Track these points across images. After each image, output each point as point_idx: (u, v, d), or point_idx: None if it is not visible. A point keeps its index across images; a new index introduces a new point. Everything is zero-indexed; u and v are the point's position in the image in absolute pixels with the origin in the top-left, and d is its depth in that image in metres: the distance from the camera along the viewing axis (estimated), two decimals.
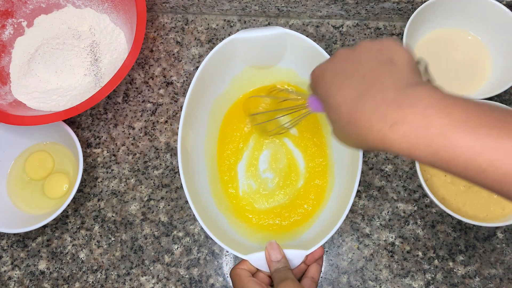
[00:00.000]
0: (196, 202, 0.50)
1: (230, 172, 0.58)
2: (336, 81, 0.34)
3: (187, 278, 0.58)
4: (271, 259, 0.47)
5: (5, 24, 0.65)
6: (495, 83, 0.58)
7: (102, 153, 0.63)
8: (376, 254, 0.57)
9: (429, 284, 0.56)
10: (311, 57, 0.53)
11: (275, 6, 0.63)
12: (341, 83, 0.34)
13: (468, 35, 0.61)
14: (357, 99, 0.32)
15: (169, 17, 0.68)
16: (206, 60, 0.52)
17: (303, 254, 0.48)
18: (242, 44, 0.53)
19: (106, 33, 0.65)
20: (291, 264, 0.48)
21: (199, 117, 0.56)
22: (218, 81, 0.56)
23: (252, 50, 0.54)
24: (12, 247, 0.61)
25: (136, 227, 0.60)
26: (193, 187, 0.51)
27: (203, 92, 0.54)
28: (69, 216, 0.61)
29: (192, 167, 0.53)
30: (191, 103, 0.52)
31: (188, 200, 0.49)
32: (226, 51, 0.53)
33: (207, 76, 0.54)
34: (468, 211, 0.54)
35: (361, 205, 0.58)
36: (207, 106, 0.57)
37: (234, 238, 0.52)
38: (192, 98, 0.52)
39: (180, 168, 0.50)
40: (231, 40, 0.52)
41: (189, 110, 0.52)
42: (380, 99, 0.31)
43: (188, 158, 0.52)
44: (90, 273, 0.59)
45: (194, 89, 0.52)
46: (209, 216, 0.52)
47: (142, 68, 0.66)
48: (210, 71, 0.54)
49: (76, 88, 0.63)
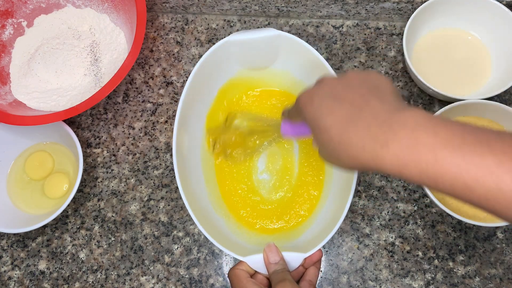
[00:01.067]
0: (193, 205, 0.50)
1: (227, 174, 0.58)
2: (326, 104, 0.35)
3: (187, 278, 0.58)
4: (269, 261, 0.47)
5: (5, 24, 0.65)
6: (495, 83, 0.58)
7: (102, 153, 0.63)
8: (376, 254, 0.57)
9: (429, 284, 0.56)
10: (305, 58, 0.53)
11: (275, 6, 0.63)
12: (331, 106, 0.35)
13: (468, 35, 0.61)
14: (349, 121, 0.33)
15: (169, 17, 0.68)
16: (200, 63, 0.52)
17: (301, 256, 0.48)
18: (236, 46, 0.53)
19: (106, 33, 0.65)
20: (289, 266, 0.48)
21: (195, 120, 0.55)
22: (213, 83, 0.56)
23: (246, 52, 0.54)
24: (12, 247, 0.61)
25: (136, 227, 0.60)
26: (189, 190, 0.51)
27: (198, 94, 0.54)
28: (69, 216, 0.61)
29: (189, 169, 0.53)
30: (186, 106, 0.52)
31: (184, 202, 0.49)
32: (221, 53, 0.53)
33: (202, 78, 0.54)
34: (468, 211, 0.54)
35: (361, 205, 0.58)
36: (202, 109, 0.57)
37: (232, 240, 0.53)
38: (186, 100, 0.52)
39: (176, 171, 0.50)
40: (225, 42, 0.52)
41: (184, 113, 0.52)
42: (371, 120, 0.32)
43: (184, 160, 0.52)
44: (90, 273, 0.59)
45: (188, 91, 0.52)
46: (207, 218, 0.52)
47: (142, 68, 0.66)
48: (205, 73, 0.54)
49: (76, 88, 0.63)
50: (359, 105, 0.33)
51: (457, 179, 0.28)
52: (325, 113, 0.34)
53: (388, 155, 0.30)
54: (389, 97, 0.34)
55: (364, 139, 0.31)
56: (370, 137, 0.31)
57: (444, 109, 0.54)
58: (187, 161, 0.53)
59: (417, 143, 0.29)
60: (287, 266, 0.47)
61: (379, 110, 0.32)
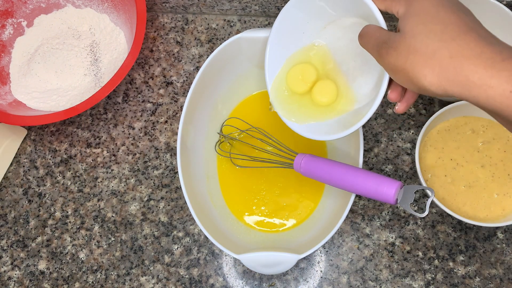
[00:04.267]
0: (192, 198, 0.50)
1: (228, 171, 0.58)
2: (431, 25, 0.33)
3: (187, 278, 0.58)
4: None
5: (5, 24, 0.65)
6: None
7: (102, 153, 0.63)
8: (376, 254, 0.57)
9: (429, 284, 0.56)
10: None
11: (275, 6, 0.63)
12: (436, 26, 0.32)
13: None
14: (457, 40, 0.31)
15: (169, 17, 0.68)
16: (211, 57, 0.52)
17: (295, 258, 0.48)
18: (248, 44, 0.53)
19: (106, 33, 0.65)
20: (284, 267, 0.48)
21: (201, 115, 0.56)
22: (222, 79, 0.56)
23: (257, 50, 0.54)
24: (12, 247, 0.61)
25: (136, 227, 0.60)
26: (190, 184, 0.51)
27: (206, 88, 0.55)
28: (69, 216, 0.61)
29: (191, 163, 0.53)
30: (194, 99, 0.53)
31: (185, 196, 0.49)
32: (232, 50, 0.54)
33: (211, 73, 0.54)
34: (468, 211, 0.54)
35: (361, 205, 0.58)
36: (209, 104, 0.57)
37: (228, 237, 0.53)
38: (194, 94, 0.52)
39: (178, 161, 0.50)
40: (237, 39, 0.52)
41: (191, 106, 0.53)
42: (477, 43, 0.31)
43: (187, 153, 0.52)
44: (90, 273, 0.59)
45: (197, 85, 0.52)
46: (204, 212, 0.52)
47: (142, 68, 0.66)
48: (215, 68, 0.54)
49: (76, 88, 0.63)
50: (474, 21, 0.32)
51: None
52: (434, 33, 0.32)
53: (496, 76, 0.29)
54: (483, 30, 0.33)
55: (485, 49, 0.30)
56: (491, 49, 0.30)
57: (444, 109, 0.54)
58: (190, 155, 0.53)
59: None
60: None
61: (488, 32, 0.32)
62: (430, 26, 0.32)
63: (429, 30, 0.32)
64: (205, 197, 0.55)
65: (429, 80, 0.31)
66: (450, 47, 0.31)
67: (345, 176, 0.45)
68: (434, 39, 0.31)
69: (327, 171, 0.46)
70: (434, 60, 0.31)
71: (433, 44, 0.31)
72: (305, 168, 0.48)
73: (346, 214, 0.48)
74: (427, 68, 0.31)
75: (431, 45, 0.31)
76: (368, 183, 0.43)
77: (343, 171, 0.45)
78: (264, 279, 0.57)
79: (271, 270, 0.49)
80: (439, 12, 0.33)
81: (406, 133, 0.60)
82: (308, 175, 0.48)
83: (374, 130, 0.60)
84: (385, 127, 0.61)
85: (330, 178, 0.46)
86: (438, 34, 0.31)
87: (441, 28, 0.32)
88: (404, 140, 0.60)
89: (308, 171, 0.48)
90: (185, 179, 0.50)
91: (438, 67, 0.31)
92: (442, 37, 0.31)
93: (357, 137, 0.50)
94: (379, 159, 0.60)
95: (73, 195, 0.62)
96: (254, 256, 0.48)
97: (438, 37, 0.31)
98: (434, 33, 0.31)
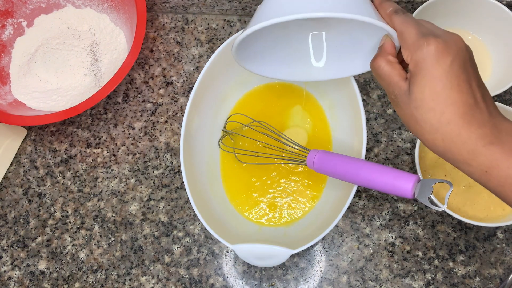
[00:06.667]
0: (191, 183, 0.51)
1: (230, 162, 0.58)
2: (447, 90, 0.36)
3: (187, 278, 0.58)
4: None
5: (5, 24, 0.65)
6: (495, 83, 0.58)
7: (102, 153, 0.63)
8: (376, 254, 0.57)
9: (429, 284, 0.56)
10: None
11: None
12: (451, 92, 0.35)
13: (468, 35, 0.61)
14: (464, 115, 0.35)
15: (169, 17, 0.68)
16: (221, 48, 0.53)
17: (289, 252, 0.48)
18: None
19: (106, 33, 0.65)
20: (277, 260, 0.48)
21: (207, 104, 0.56)
22: (230, 71, 0.57)
23: None
24: (12, 247, 0.61)
25: (136, 227, 0.60)
26: (191, 168, 0.52)
27: (214, 79, 0.55)
28: (69, 216, 0.61)
29: (194, 150, 0.54)
30: (196, 98, 0.53)
31: (184, 178, 0.50)
32: None
33: (220, 63, 0.54)
34: (468, 211, 0.54)
35: (361, 205, 0.58)
36: (217, 94, 0.57)
37: (225, 227, 0.53)
38: (197, 93, 0.53)
39: (181, 146, 0.51)
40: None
41: (194, 104, 0.53)
42: (480, 117, 0.35)
43: (189, 139, 0.53)
44: (90, 273, 0.59)
45: (205, 75, 0.53)
46: (202, 199, 0.53)
47: (142, 68, 0.66)
48: (217, 66, 0.54)
49: (76, 88, 0.63)
50: (473, 97, 0.35)
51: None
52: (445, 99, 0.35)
53: (487, 154, 0.34)
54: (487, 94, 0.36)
55: (471, 135, 0.34)
56: (477, 135, 0.34)
57: None
58: (193, 142, 0.54)
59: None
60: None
61: (483, 108, 0.35)
62: (432, 105, 0.35)
63: (430, 109, 0.35)
64: (205, 186, 0.55)
65: (429, 146, 0.37)
66: (443, 131, 0.35)
67: (361, 171, 0.44)
68: (433, 119, 0.35)
69: (342, 167, 0.45)
70: (432, 135, 0.36)
71: (431, 123, 0.36)
72: (319, 164, 0.47)
73: (342, 213, 0.48)
74: (426, 136, 0.37)
75: (430, 122, 0.36)
76: (385, 178, 0.42)
77: (358, 166, 0.44)
78: (264, 279, 0.57)
79: (264, 263, 0.49)
80: (445, 90, 0.35)
81: (406, 133, 0.60)
82: (322, 171, 0.47)
83: (374, 130, 0.60)
84: (385, 127, 0.61)
85: (345, 174, 0.45)
86: (438, 115, 0.35)
87: (442, 108, 0.35)
88: (404, 140, 0.60)
89: (322, 167, 0.47)
90: (186, 163, 0.51)
91: (432, 142, 0.37)
92: (441, 119, 0.35)
93: (360, 130, 0.51)
94: (379, 159, 0.60)
95: (73, 195, 0.62)
96: (248, 247, 0.48)
97: (437, 118, 0.35)
98: (434, 114, 0.35)
